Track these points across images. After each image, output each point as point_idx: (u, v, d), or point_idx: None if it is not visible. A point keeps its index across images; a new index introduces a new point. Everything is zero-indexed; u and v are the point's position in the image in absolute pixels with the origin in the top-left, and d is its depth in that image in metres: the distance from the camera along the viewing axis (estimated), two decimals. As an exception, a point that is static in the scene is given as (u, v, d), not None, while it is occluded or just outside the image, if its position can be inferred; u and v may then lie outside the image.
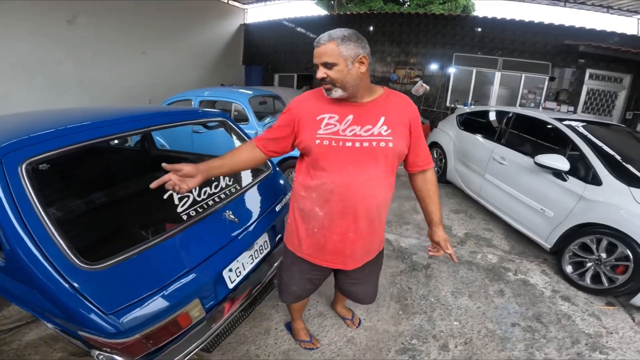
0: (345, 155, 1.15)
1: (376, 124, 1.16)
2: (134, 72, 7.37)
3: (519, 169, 3.16)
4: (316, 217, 1.25)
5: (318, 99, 1.22)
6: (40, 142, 1.13)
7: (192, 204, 1.45)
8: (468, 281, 2.56)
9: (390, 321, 2.11)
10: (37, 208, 1.02)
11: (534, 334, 2.05)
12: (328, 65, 1.09)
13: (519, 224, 3.15)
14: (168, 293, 1.15)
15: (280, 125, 1.26)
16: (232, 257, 1.46)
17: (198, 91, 4.27)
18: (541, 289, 2.51)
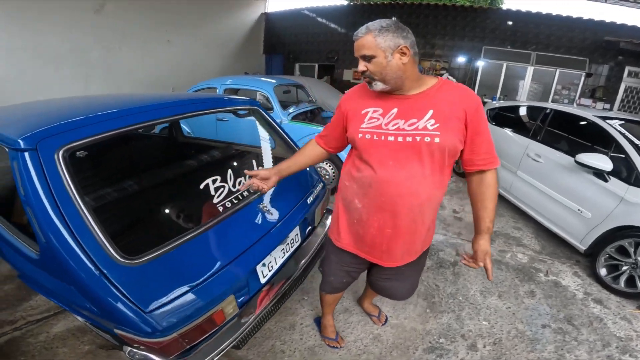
0: (387, 150, 1.10)
1: (422, 118, 1.08)
2: (158, 60, 7.47)
3: (556, 167, 3.02)
4: (356, 209, 1.25)
5: (364, 93, 1.22)
6: (78, 128, 1.10)
7: (227, 194, 1.43)
8: (497, 280, 2.50)
9: (418, 319, 2.08)
10: (75, 198, 0.99)
11: (564, 336, 2.00)
12: (366, 58, 1.07)
13: (553, 223, 3.04)
14: (206, 289, 1.12)
15: (334, 120, 1.31)
16: (267, 250, 1.43)
17: (222, 79, 4.26)
18: (573, 291, 2.45)
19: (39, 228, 0.96)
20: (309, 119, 4.08)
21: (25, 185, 0.97)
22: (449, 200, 4.01)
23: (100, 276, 0.94)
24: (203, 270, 1.15)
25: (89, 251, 0.95)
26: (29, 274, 1.20)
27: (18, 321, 1.89)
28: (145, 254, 1.05)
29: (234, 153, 2.25)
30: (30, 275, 1.20)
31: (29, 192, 0.96)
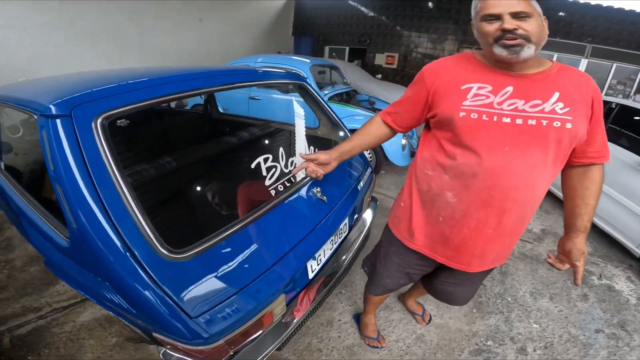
0: (501, 133, 0.89)
1: (547, 100, 0.88)
2: (190, 39, 7.38)
3: (621, 166, 2.71)
4: (445, 204, 1.00)
5: (460, 65, 0.99)
6: (120, 94, 0.93)
7: (280, 176, 1.22)
8: (548, 282, 2.30)
9: (464, 319, 1.90)
10: (115, 176, 0.82)
11: (617, 342, 1.88)
12: (521, 15, 0.83)
13: (609, 225, 2.77)
14: (258, 288, 0.95)
15: (411, 96, 1.08)
16: (320, 242, 1.24)
17: (255, 57, 4.07)
18: (626, 296, 2.29)
19: (70, 211, 0.80)
20: (344, 100, 3.86)
21: (55, 158, 0.80)
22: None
23: (142, 273, 0.78)
24: (255, 266, 0.98)
25: (130, 242, 0.79)
26: (57, 262, 1.04)
27: (43, 308, 1.78)
28: (191, 247, 0.87)
29: (280, 132, 2.00)
30: (58, 264, 1.05)
31: (60, 167, 0.80)
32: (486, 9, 0.86)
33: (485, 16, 0.87)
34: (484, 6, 0.87)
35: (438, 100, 0.98)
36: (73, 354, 1.56)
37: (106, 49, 6.07)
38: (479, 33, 0.91)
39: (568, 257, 1.05)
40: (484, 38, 0.89)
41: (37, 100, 0.91)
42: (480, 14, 0.88)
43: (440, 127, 1.00)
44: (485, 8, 0.86)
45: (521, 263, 2.46)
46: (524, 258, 2.53)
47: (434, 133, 1.05)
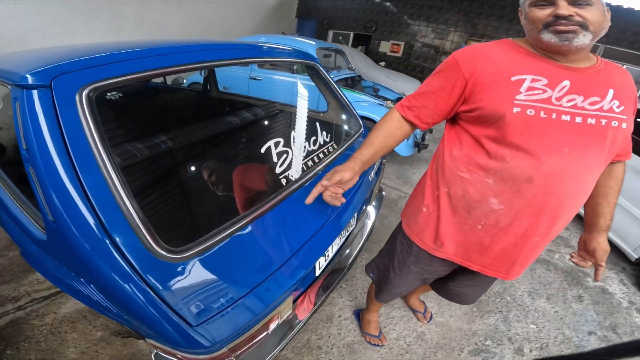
0: (560, 133, 0.76)
1: (605, 97, 0.78)
2: (190, 16, 7.00)
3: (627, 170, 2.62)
4: (488, 211, 0.86)
5: (505, 53, 0.83)
6: (109, 64, 0.78)
7: (291, 163, 1.06)
8: (546, 282, 2.27)
9: (464, 318, 1.84)
10: (100, 158, 0.68)
11: (608, 344, 1.76)
12: (580, 3, 0.72)
13: None
14: (266, 291, 0.82)
15: (442, 86, 0.88)
16: (331, 238, 1.11)
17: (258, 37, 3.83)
18: (619, 299, 2.27)
19: (46, 200, 0.65)
20: (349, 85, 3.67)
21: (29, 136, 0.65)
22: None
23: (135, 276, 0.64)
24: (264, 266, 0.85)
25: (119, 240, 0.65)
26: (35, 255, 0.88)
27: (22, 298, 1.62)
28: (192, 246, 0.74)
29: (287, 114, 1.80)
30: (35, 258, 0.89)
31: (34, 145, 0.64)
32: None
33: (535, 1, 0.76)
34: None
35: (480, 92, 0.82)
36: (55, 348, 1.41)
37: (101, 24, 5.71)
38: (527, 19, 0.79)
39: (593, 256, 0.99)
40: (532, 24, 0.78)
41: (11, 70, 0.76)
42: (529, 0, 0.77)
43: (481, 123, 0.84)
44: None
45: (520, 262, 2.41)
46: (523, 257, 2.48)
47: (467, 129, 0.88)
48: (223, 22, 7.69)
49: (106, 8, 5.65)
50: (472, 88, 0.83)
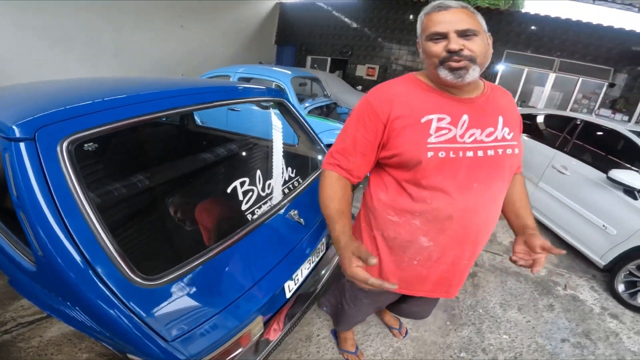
0: (468, 169, 0.85)
1: (497, 126, 0.88)
2: (169, 45, 7.22)
3: (584, 181, 2.86)
4: (420, 249, 0.95)
5: (411, 92, 0.89)
6: (86, 115, 0.88)
7: (256, 199, 1.21)
8: (517, 293, 2.40)
9: (438, 332, 1.95)
10: (82, 202, 0.79)
11: (582, 351, 1.97)
12: (467, 34, 0.80)
13: (573, 237, 2.92)
14: (234, 312, 0.95)
15: (364, 136, 0.90)
16: (297, 264, 1.24)
17: (236, 67, 4.05)
18: (590, 305, 2.41)
19: (35, 239, 0.77)
20: (324, 113, 3.89)
21: (19, 185, 0.77)
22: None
23: (115, 301, 0.77)
24: (232, 290, 0.99)
25: (100, 271, 0.77)
26: (23, 284, 1.00)
27: (8, 322, 1.70)
28: (166, 274, 0.87)
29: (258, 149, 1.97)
30: (24, 286, 1.01)
31: (23, 193, 0.77)
32: (432, 27, 0.82)
33: (431, 35, 0.82)
34: (430, 24, 0.83)
35: (397, 137, 0.87)
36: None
37: (80, 52, 5.82)
38: (425, 53, 0.86)
39: (534, 251, 0.97)
40: (430, 59, 0.84)
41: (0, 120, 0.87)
42: (426, 33, 0.83)
43: (400, 167, 0.90)
44: (431, 26, 0.82)
45: (491, 275, 2.56)
46: (494, 270, 2.63)
47: (389, 173, 0.94)
48: (203, 51, 7.95)
49: (83, 37, 5.77)
50: (389, 133, 0.88)
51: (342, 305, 1.27)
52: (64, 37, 5.53)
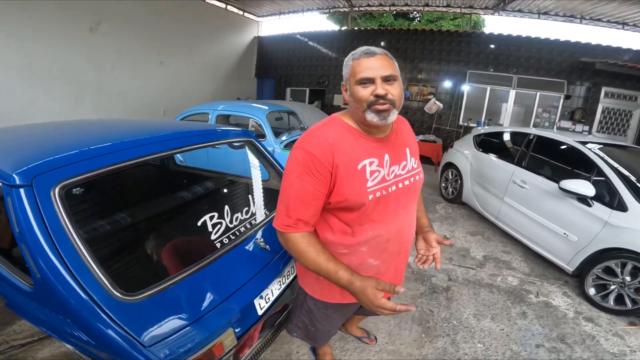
0: (395, 201, 1.05)
1: (406, 158, 1.09)
2: (150, 82, 7.51)
3: (542, 193, 3.13)
4: (369, 267, 1.12)
5: (344, 139, 0.98)
6: (74, 163, 1.10)
7: (224, 230, 1.45)
8: (490, 303, 2.54)
9: (413, 344, 2.08)
10: (71, 235, 1.00)
11: (559, 355, 2.04)
12: (389, 79, 0.92)
13: (540, 247, 3.12)
14: (205, 323, 1.13)
15: (315, 189, 0.96)
16: (264, 284, 1.43)
17: (214, 104, 4.30)
18: (564, 310, 2.51)
19: (35, 266, 0.97)
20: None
21: (20, 222, 0.97)
22: (438, 227, 4.06)
23: (100, 312, 0.95)
24: (202, 306, 1.17)
25: (88, 289, 0.96)
26: (20, 304, 1.20)
27: (1, 345, 1.83)
28: (144, 291, 1.06)
29: (230, 185, 2.24)
30: (20, 305, 1.20)
31: (24, 229, 0.96)
32: (361, 73, 0.91)
33: (360, 80, 0.92)
34: (359, 70, 0.92)
35: (341, 186, 0.96)
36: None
37: (62, 91, 6.01)
38: (353, 97, 0.95)
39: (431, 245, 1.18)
40: (358, 103, 0.94)
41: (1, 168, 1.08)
42: (356, 78, 0.93)
43: (345, 210, 1.01)
44: (361, 72, 0.91)
45: (465, 288, 2.72)
46: (467, 283, 2.79)
47: (334, 215, 1.05)
48: (184, 87, 8.26)
49: (64, 76, 5.97)
50: (334, 181, 0.96)
51: (313, 326, 1.39)
52: (45, 77, 5.73)
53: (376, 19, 13.71)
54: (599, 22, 7.21)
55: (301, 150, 0.96)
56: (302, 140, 0.99)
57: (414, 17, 14.12)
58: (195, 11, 8.29)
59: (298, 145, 0.98)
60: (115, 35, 6.59)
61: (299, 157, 0.95)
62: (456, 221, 4.25)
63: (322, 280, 1.13)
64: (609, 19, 6.97)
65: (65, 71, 5.99)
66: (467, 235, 3.84)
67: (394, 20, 13.72)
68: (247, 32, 10.42)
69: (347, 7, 9.09)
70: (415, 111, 8.26)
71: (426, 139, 7.14)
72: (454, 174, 4.80)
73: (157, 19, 7.31)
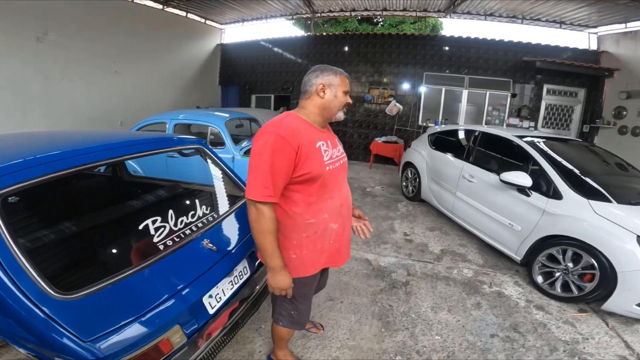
0: (339, 174, 1.41)
1: (337, 144, 1.46)
2: (105, 93, 7.15)
3: (487, 187, 3.31)
4: (331, 231, 1.42)
5: (302, 126, 1.29)
6: (11, 173, 1.11)
7: (168, 233, 1.48)
8: (446, 296, 2.63)
9: (374, 339, 2.13)
10: (8, 242, 1.04)
11: (513, 344, 2.11)
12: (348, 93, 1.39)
13: (490, 238, 3.29)
14: (147, 320, 1.18)
15: (285, 165, 1.19)
16: (211, 284, 1.49)
17: (173, 114, 4.21)
18: (516, 299, 2.60)
19: None
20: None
21: None
22: (400, 224, 4.18)
23: (36, 309, 1.00)
24: (145, 303, 1.22)
25: (24, 289, 1.01)
26: None
27: None
28: (83, 289, 1.12)
29: (179, 192, 2.28)
30: None
31: None
32: (346, 86, 1.36)
33: (346, 91, 1.36)
34: (345, 84, 1.36)
35: (306, 160, 1.23)
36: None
37: (8, 103, 5.62)
38: (339, 100, 1.35)
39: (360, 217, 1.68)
40: (340, 105, 1.36)
41: None
42: (344, 89, 1.35)
43: (308, 182, 1.27)
44: (346, 85, 1.36)
45: (423, 282, 2.82)
46: (425, 277, 2.90)
47: (297, 190, 1.29)
48: (142, 96, 7.92)
49: (10, 87, 5.62)
50: (299, 158, 1.21)
51: (296, 309, 1.53)
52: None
53: (341, 24, 13.89)
54: (539, 21, 7.66)
55: (273, 134, 1.18)
56: (271, 126, 1.22)
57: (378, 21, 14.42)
58: (154, 19, 8.04)
59: (268, 130, 1.20)
60: (64, 44, 6.24)
61: (272, 139, 1.17)
62: (416, 218, 4.41)
63: (292, 259, 1.37)
64: (547, 18, 7.43)
65: (11, 82, 5.61)
66: (426, 230, 3.98)
67: (359, 25, 13.97)
68: (209, 40, 10.22)
69: (309, 13, 9.16)
70: (377, 113, 8.43)
71: (388, 140, 7.32)
72: (413, 173, 4.98)
73: (111, 28, 7.01)
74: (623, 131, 6.73)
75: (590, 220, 2.40)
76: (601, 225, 2.34)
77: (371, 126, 8.54)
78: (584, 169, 2.91)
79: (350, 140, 8.72)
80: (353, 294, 2.61)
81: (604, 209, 2.42)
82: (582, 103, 7.58)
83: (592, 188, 2.64)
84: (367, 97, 8.34)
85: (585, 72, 7.01)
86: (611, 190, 2.60)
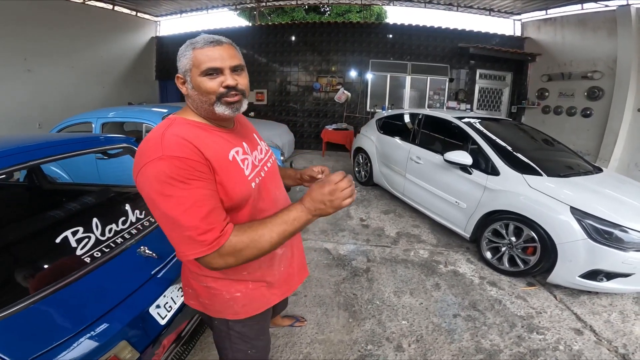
0: (270, 184, 1.05)
1: (258, 142, 1.10)
2: (17, 93, 6.25)
3: (433, 167, 3.42)
4: (280, 258, 1.13)
5: (201, 134, 0.86)
6: None
7: (94, 244, 1.35)
8: (407, 279, 2.65)
9: (343, 330, 2.08)
10: None
11: (474, 322, 2.16)
12: (237, 69, 0.86)
13: (440, 217, 3.40)
14: (85, 338, 1.07)
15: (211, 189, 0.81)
16: (156, 293, 1.38)
17: (100, 112, 3.74)
18: (470, 277, 2.68)
19: None
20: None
21: None
22: (355, 210, 4.19)
23: None
24: (79, 321, 1.11)
25: None
26: None
27: None
28: None
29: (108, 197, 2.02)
30: None
31: None
32: (207, 63, 0.82)
33: (206, 70, 0.82)
34: (204, 59, 0.82)
35: (222, 182, 0.84)
36: None
37: None
38: (198, 90, 0.84)
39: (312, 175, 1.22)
40: (205, 95, 0.84)
41: None
42: (201, 69, 0.83)
43: (233, 210, 0.90)
44: (206, 62, 0.82)
45: (383, 267, 2.83)
46: (384, 262, 2.91)
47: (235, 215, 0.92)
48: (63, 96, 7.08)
49: None
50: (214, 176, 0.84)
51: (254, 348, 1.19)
52: None
53: (288, 14, 13.56)
54: (472, 9, 8.19)
55: (162, 160, 0.75)
56: (152, 150, 0.77)
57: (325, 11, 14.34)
58: (73, 13, 7.18)
59: (151, 158, 0.76)
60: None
61: (166, 168, 0.74)
62: (370, 202, 4.46)
63: (238, 298, 1.04)
64: (478, 5, 7.96)
65: None
66: (381, 214, 4.04)
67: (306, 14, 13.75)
68: (142, 33, 9.39)
69: (253, 2, 8.77)
70: (326, 102, 8.40)
71: (339, 127, 7.35)
72: (364, 158, 5.02)
73: (20, 24, 6.12)
74: (546, 110, 7.47)
75: (526, 194, 2.53)
76: (536, 199, 2.47)
77: (321, 114, 8.48)
78: (517, 146, 3.09)
79: (301, 130, 8.59)
80: (316, 286, 2.54)
81: (538, 182, 2.58)
82: (510, 86, 8.30)
83: (525, 163, 2.81)
84: (315, 85, 8.24)
85: (511, 57, 7.61)
86: (542, 165, 2.80)
